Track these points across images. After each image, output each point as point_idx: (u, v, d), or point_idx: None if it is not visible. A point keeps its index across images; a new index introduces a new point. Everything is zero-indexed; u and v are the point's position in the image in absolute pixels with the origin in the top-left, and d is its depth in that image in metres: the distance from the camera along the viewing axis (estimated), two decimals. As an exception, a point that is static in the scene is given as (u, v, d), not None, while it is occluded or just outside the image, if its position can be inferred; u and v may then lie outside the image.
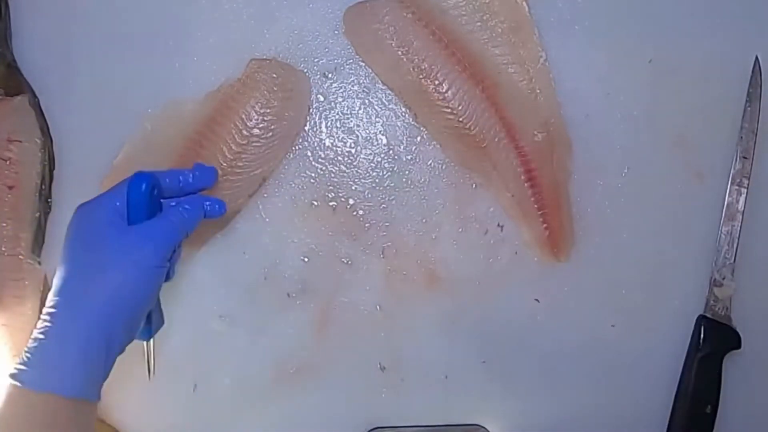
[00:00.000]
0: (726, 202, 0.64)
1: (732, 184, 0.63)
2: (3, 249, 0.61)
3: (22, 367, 0.45)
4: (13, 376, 0.44)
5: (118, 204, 0.49)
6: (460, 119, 0.62)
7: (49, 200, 0.63)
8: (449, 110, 0.62)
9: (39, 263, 0.63)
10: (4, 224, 0.61)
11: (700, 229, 0.65)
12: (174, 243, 0.50)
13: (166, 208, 0.52)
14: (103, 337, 0.46)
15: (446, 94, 0.61)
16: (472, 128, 0.62)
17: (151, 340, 0.56)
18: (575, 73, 0.64)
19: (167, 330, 0.64)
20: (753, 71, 0.64)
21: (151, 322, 0.55)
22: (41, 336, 0.45)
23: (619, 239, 0.65)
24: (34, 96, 0.62)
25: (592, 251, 0.65)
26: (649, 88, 0.65)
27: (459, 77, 0.61)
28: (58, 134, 0.63)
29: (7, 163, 0.61)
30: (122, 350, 0.49)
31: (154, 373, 0.57)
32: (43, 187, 0.62)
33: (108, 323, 0.46)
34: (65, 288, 0.47)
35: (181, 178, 0.54)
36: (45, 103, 0.63)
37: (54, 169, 0.63)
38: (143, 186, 0.49)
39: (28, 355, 0.45)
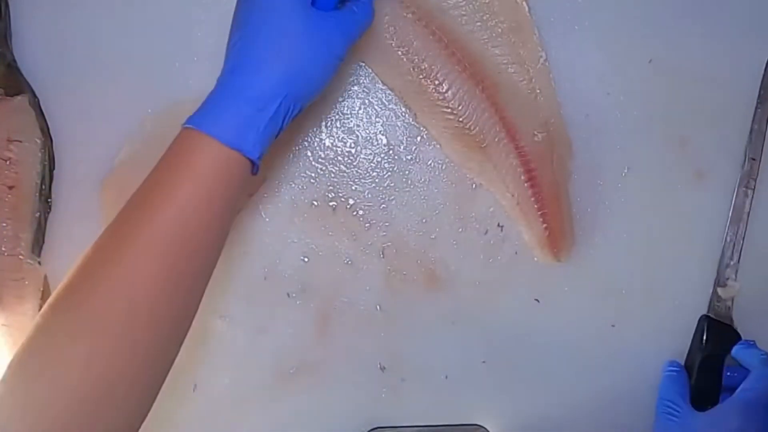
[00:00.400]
0: (733, 204, 0.63)
1: (740, 186, 0.63)
2: (3, 249, 0.61)
3: (204, 118, 0.46)
4: (197, 124, 0.45)
5: None
6: (460, 119, 0.62)
7: (49, 200, 0.63)
8: (449, 110, 0.62)
9: (39, 263, 0.63)
10: (4, 224, 0.61)
11: (700, 228, 0.65)
12: (355, 38, 0.50)
13: (348, 4, 0.51)
14: (278, 113, 0.46)
15: (446, 94, 0.61)
16: (472, 128, 0.62)
17: None
18: (575, 73, 0.64)
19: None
20: (765, 72, 0.63)
21: None
22: (225, 91, 0.46)
23: (619, 239, 0.65)
24: (34, 96, 0.62)
25: (592, 251, 0.65)
26: (649, 88, 0.65)
27: (459, 77, 0.61)
28: (58, 134, 0.63)
29: (7, 163, 0.61)
30: (277, 136, 0.48)
31: None
32: (43, 187, 0.62)
33: (282, 104, 0.46)
34: (247, 56, 0.47)
35: None
36: (45, 103, 0.63)
37: (54, 169, 0.63)
38: None
39: (211, 107, 0.46)
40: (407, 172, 0.65)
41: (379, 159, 0.65)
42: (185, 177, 0.45)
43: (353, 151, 0.65)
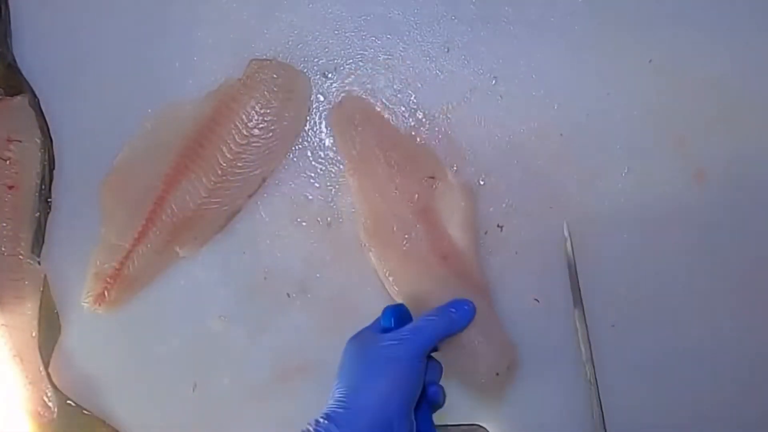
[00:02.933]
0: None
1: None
2: (3, 249, 0.61)
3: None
4: None
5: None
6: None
7: (49, 200, 0.63)
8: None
9: (39, 263, 0.63)
10: (4, 224, 0.62)
11: (699, 228, 0.65)
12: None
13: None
14: None
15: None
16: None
17: None
18: (575, 73, 0.64)
19: (167, 330, 0.65)
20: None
21: None
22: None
23: (618, 239, 0.65)
24: (34, 96, 0.62)
25: (591, 251, 0.65)
26: (649, 88, 0.65)
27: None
28: (58, 134, 0.63)
29: (7, 163, 0.61)
30: None
31: None
32: (43, 187, 0.62)
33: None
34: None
35: None
36: (45, 103, 0.63)
37: (54, 169, 0.63)
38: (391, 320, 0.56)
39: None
40: (407, 172, 0.64)
41: (379, 159, 0.65)
42: None
43: (353, 151, 0.64)
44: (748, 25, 0.65)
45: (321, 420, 0.50)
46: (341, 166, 0.64)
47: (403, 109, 0.64)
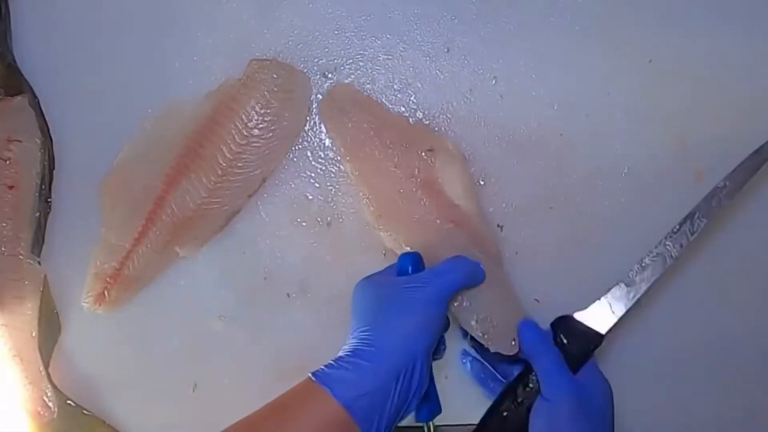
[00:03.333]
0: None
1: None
2: (3, 249, 0.61)
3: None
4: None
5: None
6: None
7: (49, 200, 0.63)
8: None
9: (39, 263, 0.63)
10: (4, 224, 0.62)
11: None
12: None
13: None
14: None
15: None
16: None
17: (431, 424, 0.60)
18: (575, 73, 0.64)
19: (167, 330, 0.65)
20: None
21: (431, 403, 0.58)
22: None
23: (619, 239, 0.65)
24: (34, 96, 0.62)
25: (591, 251, 0.65)
26: (649, 88, 0.65)
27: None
28: (58, 134, 0.63)
29: (7, 163, 0.61)
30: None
31: None
32: (43, 187, 0.62)
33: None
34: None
35: None
36: (45, 103, 0.63)
37: (54, 169, 0.63)
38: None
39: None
40: (407, 172, 0.64)
41: (379, 159, 0.65)
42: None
43: (353, 151, 0.64)
44: (748, 25, 0.65)
45: (347, 356, 0.51)
46: (341, 166, 0.64)
47: (403, 109, 0.64)
